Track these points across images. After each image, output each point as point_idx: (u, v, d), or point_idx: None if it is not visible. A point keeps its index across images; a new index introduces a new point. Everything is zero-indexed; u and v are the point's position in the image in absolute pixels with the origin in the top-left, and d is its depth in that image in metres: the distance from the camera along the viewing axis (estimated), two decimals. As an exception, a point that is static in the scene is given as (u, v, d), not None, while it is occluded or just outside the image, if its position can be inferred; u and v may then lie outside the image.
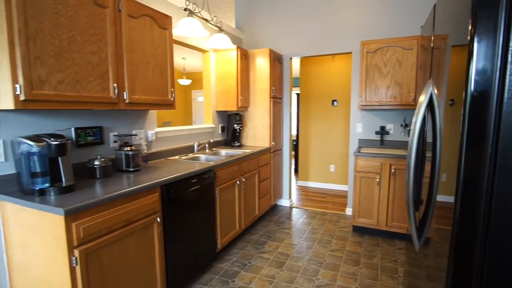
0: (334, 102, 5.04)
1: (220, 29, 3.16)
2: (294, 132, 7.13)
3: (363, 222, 3.17)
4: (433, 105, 1.14)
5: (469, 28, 0.73)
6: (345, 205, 4.20)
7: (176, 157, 2.82)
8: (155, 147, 2.69)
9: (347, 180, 4.99)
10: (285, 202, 4.23)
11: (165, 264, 1.97)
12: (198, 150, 3.22)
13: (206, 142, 3.38)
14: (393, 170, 2.96)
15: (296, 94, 7.64)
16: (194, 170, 2.20)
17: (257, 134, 3.75)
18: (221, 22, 3.48)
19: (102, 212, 1.50)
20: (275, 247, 2.91)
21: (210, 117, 3.56)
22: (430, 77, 1.36)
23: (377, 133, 3.51)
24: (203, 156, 3.02)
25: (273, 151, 3.79)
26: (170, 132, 2.86)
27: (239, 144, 3.67)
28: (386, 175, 3.01)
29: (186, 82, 8.25)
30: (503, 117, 0.72)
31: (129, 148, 2.14)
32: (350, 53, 3.71)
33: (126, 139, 2.34)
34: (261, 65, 3.61)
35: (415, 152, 1.21)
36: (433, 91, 1.15)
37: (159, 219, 1.89)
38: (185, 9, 2.69)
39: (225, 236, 2.71)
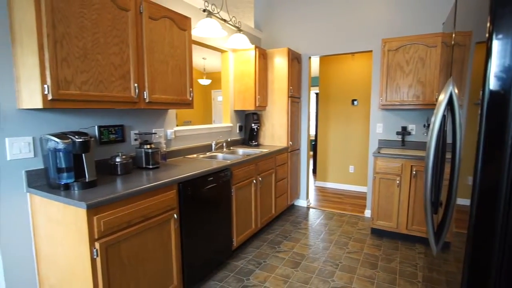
0: (354, 102, 4.94)
1: (239, 29, 3.18)
2: (313, 132, 7.07)
3: (382, 225, 3.09)
4: (453, 105, 1.10)
5: (488, 26, 0.70)
6: (364, 207, 4.11)
7: (194, 156, 2.87)
8: (174, 146, 2.76)
9: (366, 182, 4.89)
10: (302, 203, 4.20)
11: (181, 260, 2.02)
12: (216, 149, 3.26)
13: (224, 141, 3.42)
14: (414, 172, 2.87)
15: (315, 94, 7.57)
16: (211, 168, 2.24)
17: (275, 134, 3.75)
18: (240, 22, 3.51)
19: (122, 207, 1.56)
20: (291, 247, 2.90)
21: (228, 117, 3.60)
22: (451, 75, 1.31)
23: (398, 134, 3.41)
24: (220, 155, 3.07)
25: (291, 151, 3.78)
26: (189, 131, 2.92)
27: (257, 143, 3.69)
28: (407, 177, 2.92)
29: (206, 82, 8.37)
30: (524, 117, 0.69)
31: (149, 146, 2.21)
32: (371, 52, 3.63)
33: (146, 137, 2.41)
34: (279, 65, 3.61)
35: (433, 153, 1.17)
36: (453, 90, 1.11)
37: (176, 216, 1.94)
38: (204, 10, 2.74)
39: (241, 235, 2.74)
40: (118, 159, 1.99)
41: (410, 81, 3.06)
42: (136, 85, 1.93)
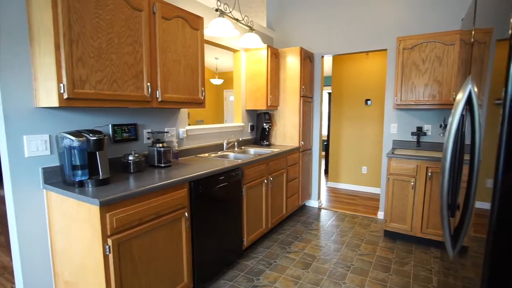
0: (368, 102, 4.86)
1: (251, 29, 3.18)
2: (325, 132, 6.99)
3: (396, 227, 3.02)
4: (472, 104, 1.06)
5: (511, 22, 0.67)
6: (377, 209, 4.03)
7: (206, 155, 2.89)
8: (186, 145, 2.78)
9: (380, 183, 4.80)
10: (314, 203, 4.16)
11: (192, 258, 2.03)
12: (227, 148, 3.27)
13: (235, 141, 3.42)
14: (430, 174, 2.79)
15: (328, 93, 7.49)
16: (222, 168, 2.25)
17: (286, 133, 3.73)
18: (252, 22, 3.50)
19: (134, 205, 1.58)
20: (302, 248, 2.87)
21: (240, 116, 3.60)
22: (470, 74, 1.26)
23: (413, 134, 3.33)
24: (232, 154, 3.07)
25: (302, 151, 3.75)
26: (200, 130, 2.94)
27: (268, 143, 3.68)
28: (422, 179, 2.84)
29: (218, 82, 8.42)
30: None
31: (161, 145, 2.23)
32: (385, 50, 3.55)
33: (159, 136, 2.44)
34: (291, 64, 3.58)
35: (451, 154, 1.13)
36: (473, 89, 1.07)
37: (187, 214, 1.95)
38: (217, 10, 2.74)
39: (252, 234, 2.73)
40: (131, 157, 2.02)
41: (426, 80, 2.98)
42: (149, 84, 1.95)
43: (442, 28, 3.13)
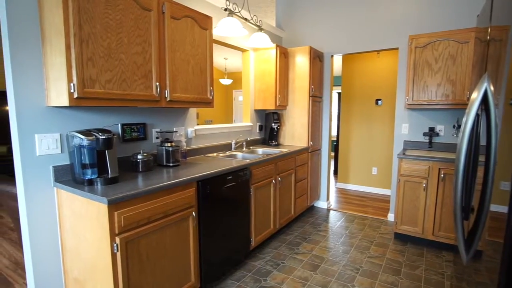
0: (378, 102, 4.78)
1: (260, 28, 3.16)
2: (334, 132, 6.92)
3: (406, 230, 2.96)
4: (488, 103, 1.02)
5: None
6: (387, 210, 3.96)
7: (214, 154, 2.89)
8: (194, 144, 2.78)
9: (390, 184, 4.71)
10: (323, 204, 4.12)
11: (199, 257, 2.03)
12: (236, 148, 3.26)
13: (244, 141, 3.42)
14: (442, 175, 2.72)
15: (337, 93, 7.41)
16: (230, 167, 2.24)
17: (295, 133, 3.70)
18: (261, 21, 3.49)
19: (142, 203, 1.59)
20: (310, 249, 2.84)
21: (249, 116, 3.59)
22: (485, 72, 1.22)
23: (425, 135, 3.26)
24: (240, 154, 3.06)
25: (311, 151, 3.71)
26: (209, 130, 2.94)
27: (276, 143, 3.66)
28: (434, 180, 2.77)
29: (227, 82, 8.44)
30: None
31: (170, 144, 2.24)
32: (397, 49, 3.49)
33: (167, 136, 2.45)
34: (301, 63, 3.55)
35: (465, 155, 1.09)
36: (489, 87, 1.03)
37: (195, 213, 1.95)
38: (225, 9, 2.74)
39: (259, 235, 2.72)
40: (140, 157, 2.03)
41: (439, 80, 2.91)
42: (158, 84, 1.96)
43: (455, 26, 3.06)
